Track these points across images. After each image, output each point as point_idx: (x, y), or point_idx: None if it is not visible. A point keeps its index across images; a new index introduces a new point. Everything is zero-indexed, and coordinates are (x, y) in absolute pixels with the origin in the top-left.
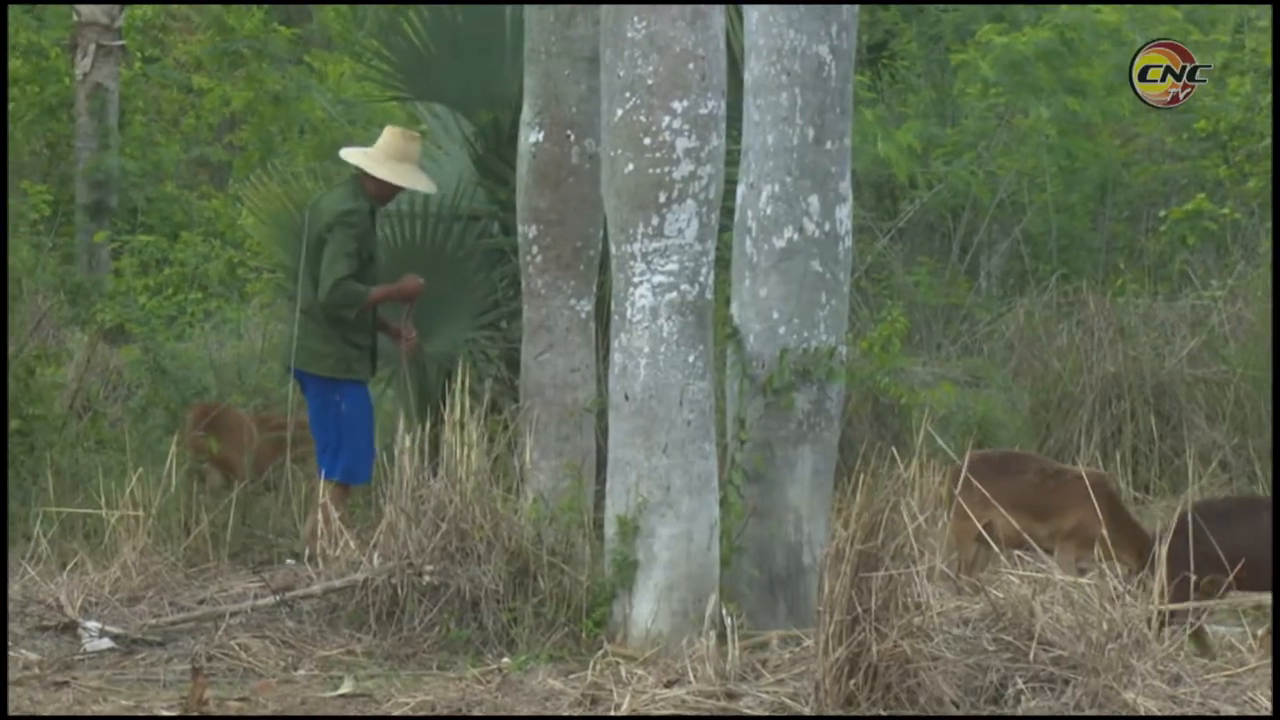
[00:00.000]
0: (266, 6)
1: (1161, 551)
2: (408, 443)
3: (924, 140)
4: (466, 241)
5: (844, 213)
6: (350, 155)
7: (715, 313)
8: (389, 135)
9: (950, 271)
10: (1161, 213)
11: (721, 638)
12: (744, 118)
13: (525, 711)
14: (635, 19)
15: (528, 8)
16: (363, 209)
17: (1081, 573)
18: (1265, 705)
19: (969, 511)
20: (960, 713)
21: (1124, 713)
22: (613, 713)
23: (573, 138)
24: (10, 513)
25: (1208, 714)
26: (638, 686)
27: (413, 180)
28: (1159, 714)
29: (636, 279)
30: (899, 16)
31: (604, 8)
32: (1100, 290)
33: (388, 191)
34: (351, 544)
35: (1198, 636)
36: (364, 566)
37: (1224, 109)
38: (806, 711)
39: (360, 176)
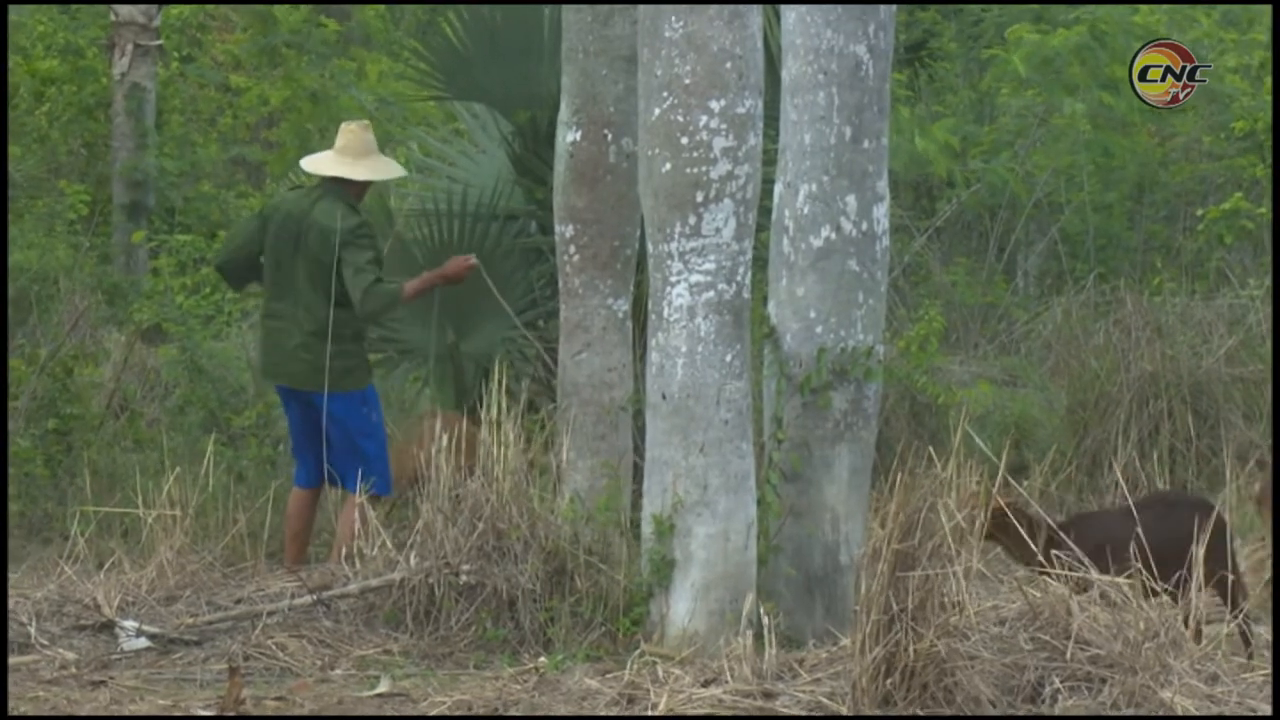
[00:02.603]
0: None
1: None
2: (445, 442)
3: (960, 138)
4: (504, 241)
5: (881, 212)
6: (323, 167)
7: (752, 312)
8: (350, 135)
9: (987, 271)
10: (1199, 212)
11: (758, 637)
12: (781, 117)
13: (562, 711)
14: (673, 18)
15: (565, 7)
16: (366, 219)
17: None
18: None
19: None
20: (997, 712)
21: (1161, 712)
22: (649, 712)
23: (610, 137)
24: (47, 512)
25: (1245, 713)
26: (674, 686)
27: (388, 171)
28: (1196, 713)
29: (674, 278)
30: (938, 16)
31: (642, 7)
32: (1137, 289)
33: (366, 188)
34: (388, 543)
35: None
36: (400, 566)
37: (1261, 108)
38: (843, 711)
39: (339, 181)
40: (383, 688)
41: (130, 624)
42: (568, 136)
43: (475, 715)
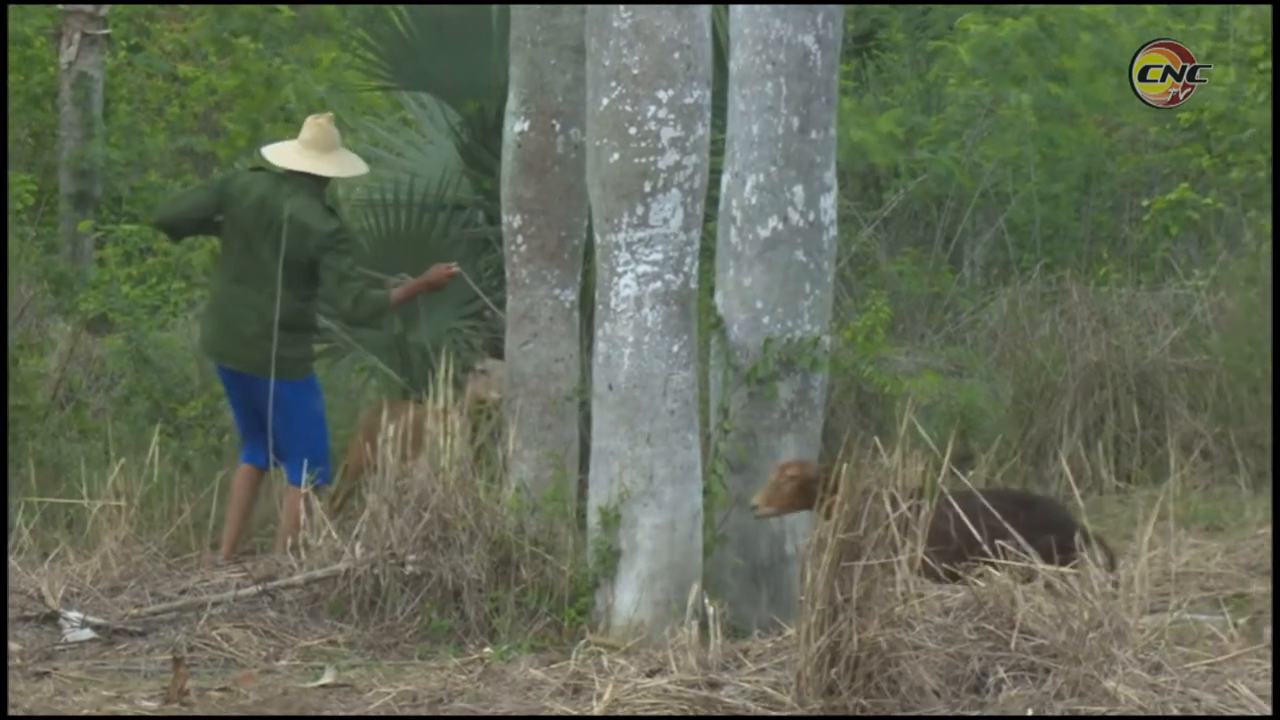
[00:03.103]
0: None
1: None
2: (391, 432)
3: (907, 129)
4: (451, 231)
5: (828, 202)
6: (289, 160)
7: (699, 302)
8: (316, 128)
9: (934, 261)
10: (1145, 202)
11: (704, 627)
12: (729, 107)
13: (507, 701)
14: (621, 8)
15: None
16: (342, 220)
17: None
18: (1245, 693)
19: None
20: (941, 701)
21: (1104, 701)
22: (594, 702)
23: (558, 127)
24: None
25: (1189, 701)
26: (620, 676)
27: (353, 168)
28: (1139, 702)
29: (621, 268)
30: (887, 5)
31: None
32: (1083, 280)
33: (329, 180)
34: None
35: None
36: (346, 556)
37: (1208, 99)
38: (788, 701)
39: (306, 173)
40: (327, 679)
41: (74, 615)
42: (515, 126)
43: (419, 707)
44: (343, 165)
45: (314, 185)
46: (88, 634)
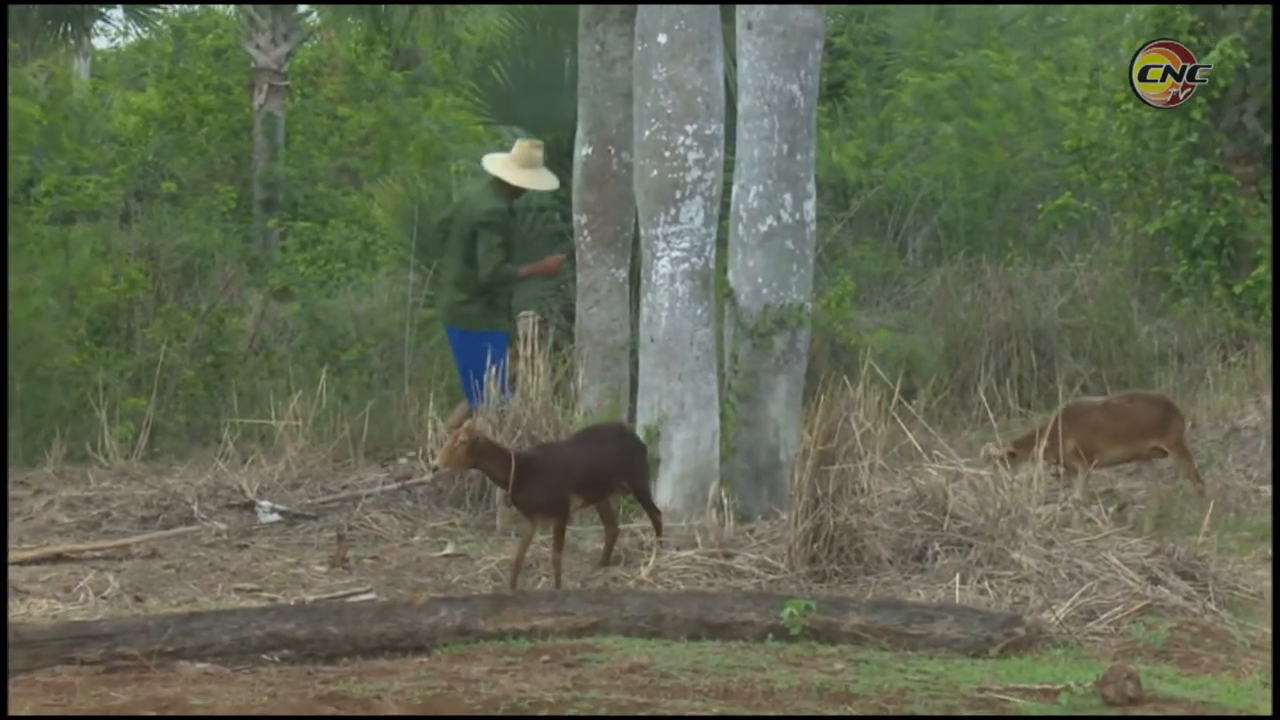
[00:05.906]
0: (388, 52)
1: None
2: (494, 373)
3: (866, 153)
4: (537, 226)
5: (809, 206)
6: (491, 165)
7: (716, 278)
8: (519, 148)
9: (886, 248)
10: (1039, 205)
11: (720, 514)
12: (737, 137)
13: (577, 565)
14: (659, 65)
15: (580, 54)
16: (503, 208)
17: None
18: (1115, 562)
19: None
20: (894, 568)
21: (1011, 568)
22: (642, 569)
23: (613, 151)
24: (206, 423)
25: (1074, 568)
26: (660, 550)
27: (540, 182)
28: (1037, 568)
29: (659, 254)
30: (854, 63)
31: (635, 56)
32: (995, 262)
33: (520, 190)
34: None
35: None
36: None
37: (1085, 130)
38: (782, 567)
39: (498, 179)
40: (449, 550)
41: (266, 504)
42: (582, 151)
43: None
44: (529, 179)
45: (499, 188)
46: (275, 517)
